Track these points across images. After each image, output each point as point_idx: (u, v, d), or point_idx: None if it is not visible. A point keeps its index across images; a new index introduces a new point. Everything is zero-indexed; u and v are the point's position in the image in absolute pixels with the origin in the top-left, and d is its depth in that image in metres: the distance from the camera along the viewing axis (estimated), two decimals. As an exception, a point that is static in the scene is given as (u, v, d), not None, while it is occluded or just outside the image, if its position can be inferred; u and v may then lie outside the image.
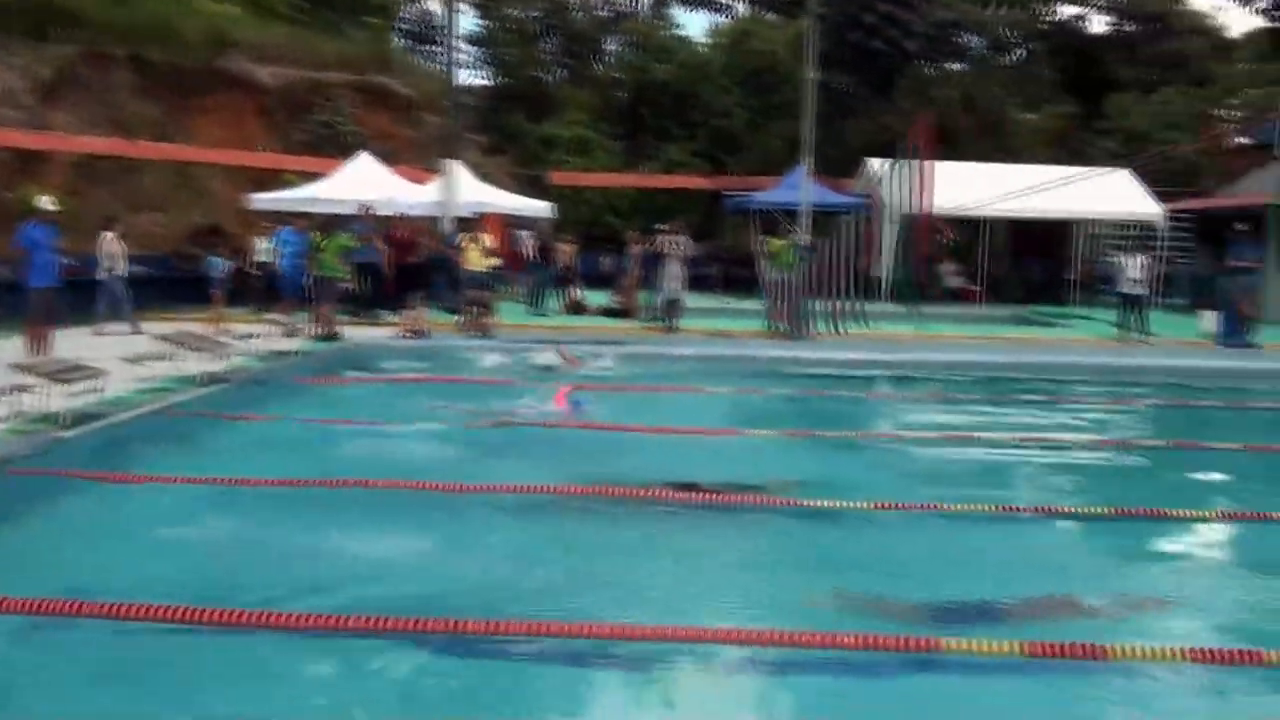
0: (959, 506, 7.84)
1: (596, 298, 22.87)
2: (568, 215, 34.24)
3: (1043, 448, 10.37)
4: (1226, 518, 8.14)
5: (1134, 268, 20.31)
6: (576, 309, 22.08)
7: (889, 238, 25.01)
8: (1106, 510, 7.93)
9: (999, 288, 27.93)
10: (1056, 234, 28.51)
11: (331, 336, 16.25)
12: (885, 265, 25.48)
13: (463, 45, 45.04)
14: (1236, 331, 19.22)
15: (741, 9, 46.04)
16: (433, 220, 21.30)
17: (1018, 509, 8.07)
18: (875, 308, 24.05)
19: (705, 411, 11.89)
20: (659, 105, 40.74)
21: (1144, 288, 20.54)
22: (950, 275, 27.90)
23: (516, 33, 44.18)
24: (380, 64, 33.72)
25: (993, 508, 7.93)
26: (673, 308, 19.29)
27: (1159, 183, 31.13)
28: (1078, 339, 20.03)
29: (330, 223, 17.88)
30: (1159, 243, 26.45)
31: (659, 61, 41.94)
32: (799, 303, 18.68)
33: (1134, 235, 27.80)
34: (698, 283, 24.59)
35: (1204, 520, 8.00)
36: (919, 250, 21.98)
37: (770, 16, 43.91)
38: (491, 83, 44.56)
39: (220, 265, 18.71)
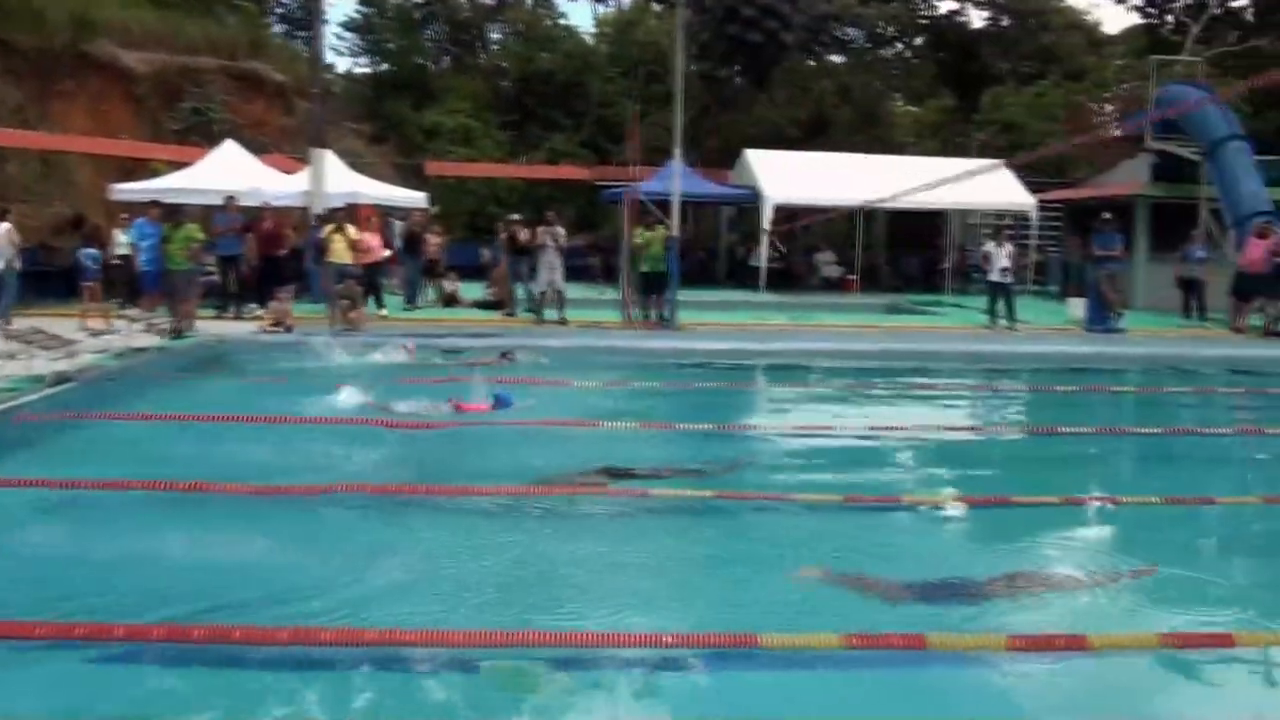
0: (806, 496, 7.81)
1: (476, 290, 22.56)
2: (451, 206, 33.92)
3: (895, 435, 10.38)
4: (1074, 502, 8.15)
5: (1002, 256, 20.67)
6: (450, 302, 21.77)
7: (767, 227, 25.26)
8: (952, 497, 7.96)
9: (877, 277, 28.24)
10: (934, 224, 28.91)
11: (180, 333, 15.73)
12: (763, 255, 25.72)
13: (343, 32, 44.56)
14: (1103, 318, 19.67)
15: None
16: (303, 211, 20.80)
17: (864, 498, 7.98)
18: (754, 297, 24.39)
19: (569, 403, 11.72)
20: (545, 95, 40.55)
21: (1011, 276, 20.92)
22: (828, 265, 28.14)
23: (399, 19, 43.59)
24: (254, 49, 32.90)
25: (839, 497, 7.85)
26: (557, 299, 19.15)
27: (1034, 174, 31.82)
28: (945, 327, 20.27)
29: (175, 213, 17.24)
30: (1030, 232, 27.03)
31: (544, 51, 41.78)
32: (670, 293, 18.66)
33: (1008, 225, 28.37)
34: (578, 273, 24.47)
35: (1042, 506, 8.00)
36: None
37: (655, 6, 43.94)
38: (373, 70, 43.89)
39: (94, 258, 18.06)
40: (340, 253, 17.09)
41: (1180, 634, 5.31)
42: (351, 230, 17.53)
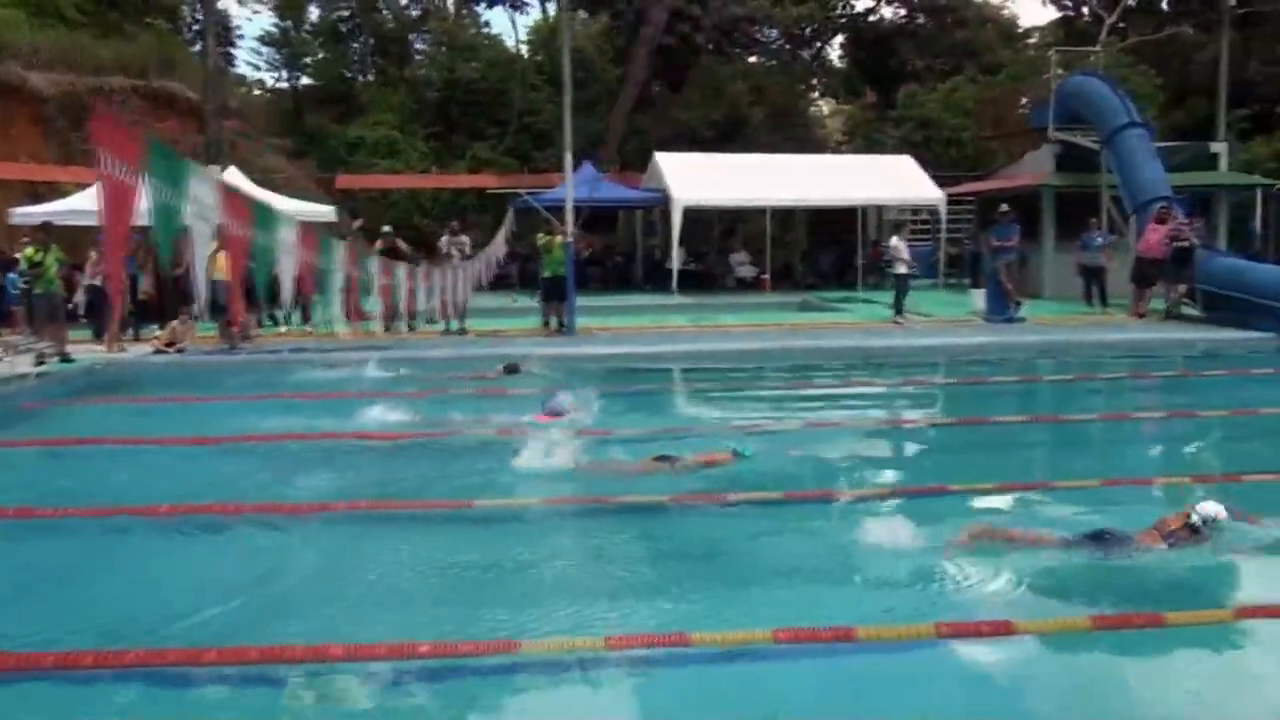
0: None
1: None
2: (376, 219, 33.74)
3: (780, 432, 10.39)
4: (904, 494, 8.19)
5: (903, 250, 20.94)
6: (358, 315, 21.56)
7: (677, 230, 25.33)
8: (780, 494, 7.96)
9: (792, 275, 28.40)
10: (851, 220, 29.09)
11: (63, 356, 15.54)
12: (674, 258, 25.79)
13: (260, 47, 44.22)
14: (1002, 308, 19.87)
15: (551, 8, 46.13)
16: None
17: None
18: (665, 299, 24.45)
19: (437, 410, 11.65)
20: (469, 104, 40.49)
21: (907, 268, 21.12)
22: (743, 266, 28.26)
23: (320, 33, 43.40)
24: (166, 68, 32.59)
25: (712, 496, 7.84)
26: (458, 309, 19.06)
27: (949, 167, 32.20)
28: (847, 323, 20.34)
29: (45, 234, 16.95)
30: (939, 225, 27.28)
31: (468, 60, 41.72)
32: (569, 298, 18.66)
33: (920, 219, 28.68)
34: (497, 282, 24.42)
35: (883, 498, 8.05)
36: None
37: (581, 14, 43.98)
38: (291, 85, 43.64)
39: (17, 282, 17.80)
40: (223, 268, 16.90)
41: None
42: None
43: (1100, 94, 23.99)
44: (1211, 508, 6.34)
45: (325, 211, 25.09)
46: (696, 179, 25.88)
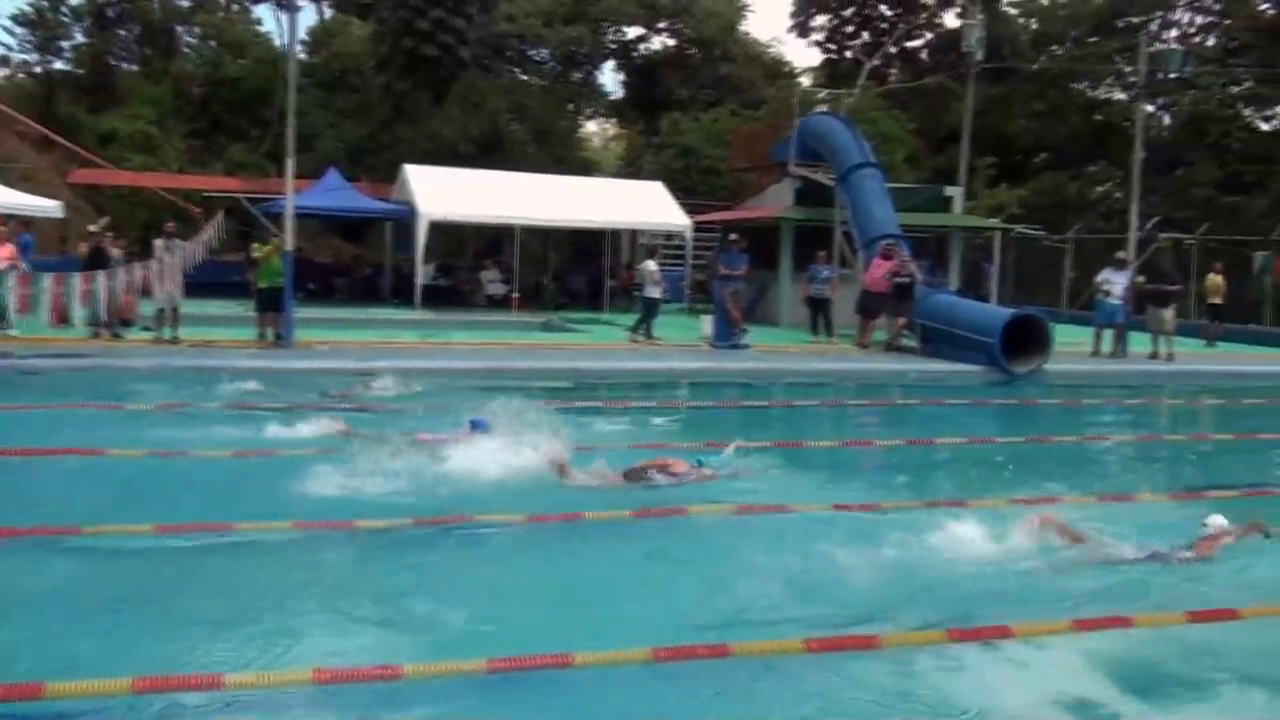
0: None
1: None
2: (125, 217, 32.22)
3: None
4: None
5: (656, 274, 21.36)
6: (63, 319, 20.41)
7: (422, 244, 25.05)
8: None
9: (543, 295, 28.47)
10: (606, 242, 29.37)
11: None
12: (420, 270, 25.51)
13: (14, 27, 41.81)
14: (728, 334, 20.29)
15: (326, 10, 45.22)
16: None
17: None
18: (398, 314, 24.13)
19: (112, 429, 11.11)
20: (233, 103, 39.25)
21: (660, 292, 21.53)
22: (493, 283, 28.15)
23: (82, 17, 41.34)
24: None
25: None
26: (172, 316, 18.24)
27: (708, 195, 32.90)
28: (580, 344, 20.39)
29: None
30: (684, 251, 27.84)
31: (236, 57, 40.45)
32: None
33: (674, 245, 29.15)
34: (237, 290, 23.47)
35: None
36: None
37: (355, 20, 43.28)
38: (43, 70, 41.39)
39: None
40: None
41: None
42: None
43: (837, 134, 24.87)
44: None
45: (50, 207, 23.86)
46: (445, 194, 25.64)
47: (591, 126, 50.45)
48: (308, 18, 44.11)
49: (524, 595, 6.51)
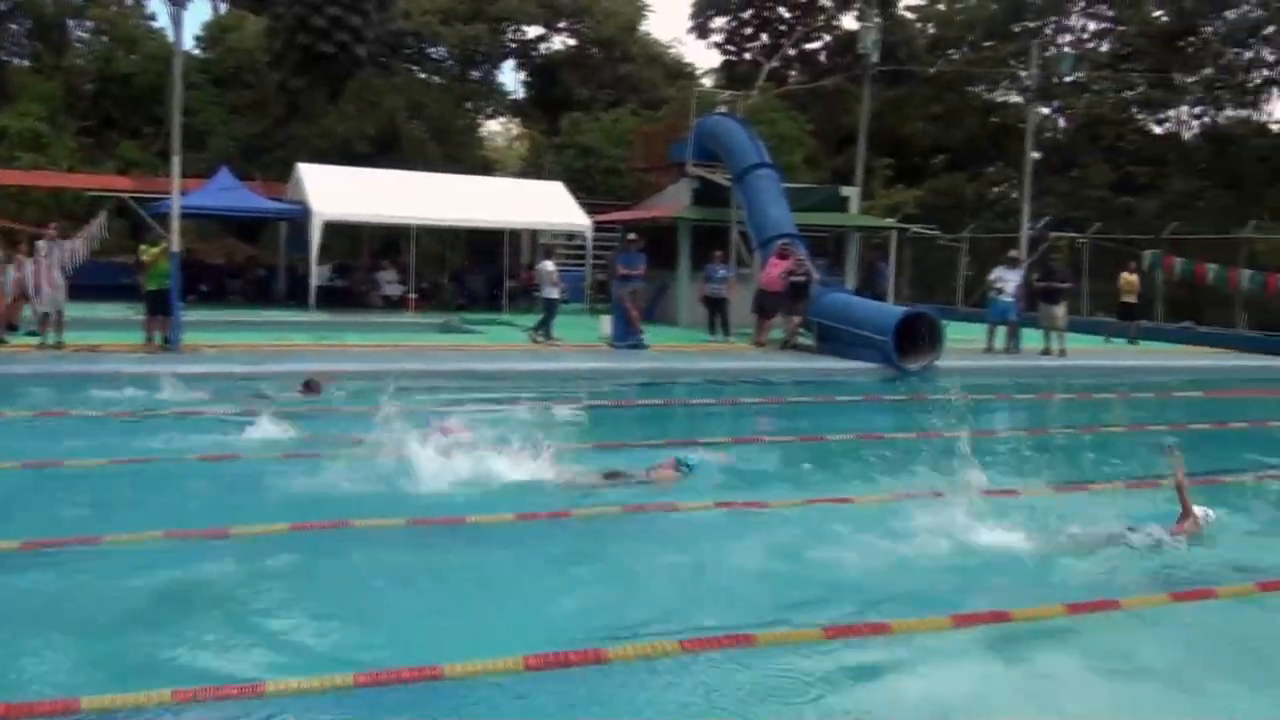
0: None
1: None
2: (15, 217, 31.18)
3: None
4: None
5: (554, 274, 21.30)
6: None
7: (316, 244, 24.65)
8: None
9: (441, 296, 28.20)
10: (505, 243, 29.17)
11: None
12: (315, 271, 25.13)
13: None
14: (626, 334, 20.26)
15: (223, 6, 44.35)
16: None
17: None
18: (291, 316, 23.72)
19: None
20: (124, 99, 38.28)
21: (559, 293, 21.46)
22: (390, 284, 27.79)
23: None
24: None
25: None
26: (56, 320, 17.68)
27: (609, 195, 32.88)
28: (477, 345, 20.22)
29: None
30: (584, 251, 27.81)
31: (128, 53, 39.46)
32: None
33: (575, 245, 29.07)
34: (127, 292, 22.81)
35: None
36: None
37: (250, 16, 42.48)
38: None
39: None
40: None
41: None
42: None
43: (733, 135, 24.97)
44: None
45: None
46: (340, 193, 25.26)
47: (495, 126, 50.24)
48: (202, 12, 43.29)
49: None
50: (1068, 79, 38.44)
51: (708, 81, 45.12)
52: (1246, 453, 12.59)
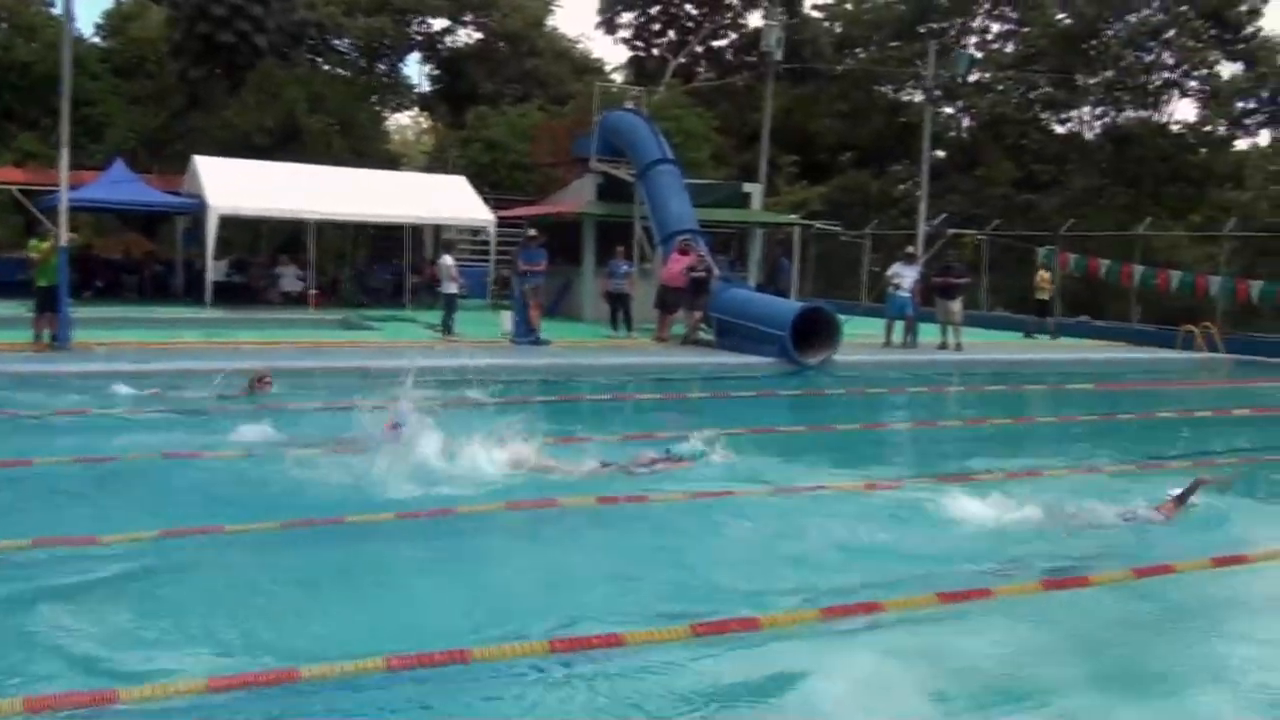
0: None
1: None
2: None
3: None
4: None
5: (454, 269, 21.18)
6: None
7: (212, 239, 24.26)
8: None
9: (342, 291, 27.87)
10: (408, 238, 28.89)
11: None
12: (211, 266, 24.72)
13: None
14: (527, 330, 20.18)
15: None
16: None
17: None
18: (194, 312, 23.30)
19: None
20: (23, 89, 37.27)
21: (458, 288, 21.34)
22: (290, 279, 27.38)
23: None
24: None
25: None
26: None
27: (516, 190, 32.78)
28: (374, 342, 19.94)
29: None
30: (490, 246, 27.69)
31: (28, 40, 38.38)
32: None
33: (480, 240, 28.92)
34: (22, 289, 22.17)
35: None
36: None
37: (153, 6, 41.58)
38: None
39: None
40: None
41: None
42: None
43: (637, 130, 24.99)
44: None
45: None
46: (237, 186, 24.85)
47: (404, 119, 49.80)
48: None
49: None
50: (971, 79, 39.18)
51: (617, 77, 45.17)
52: (1137, 443, 12.94)
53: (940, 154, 41.23)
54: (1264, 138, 41.53)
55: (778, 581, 6.77)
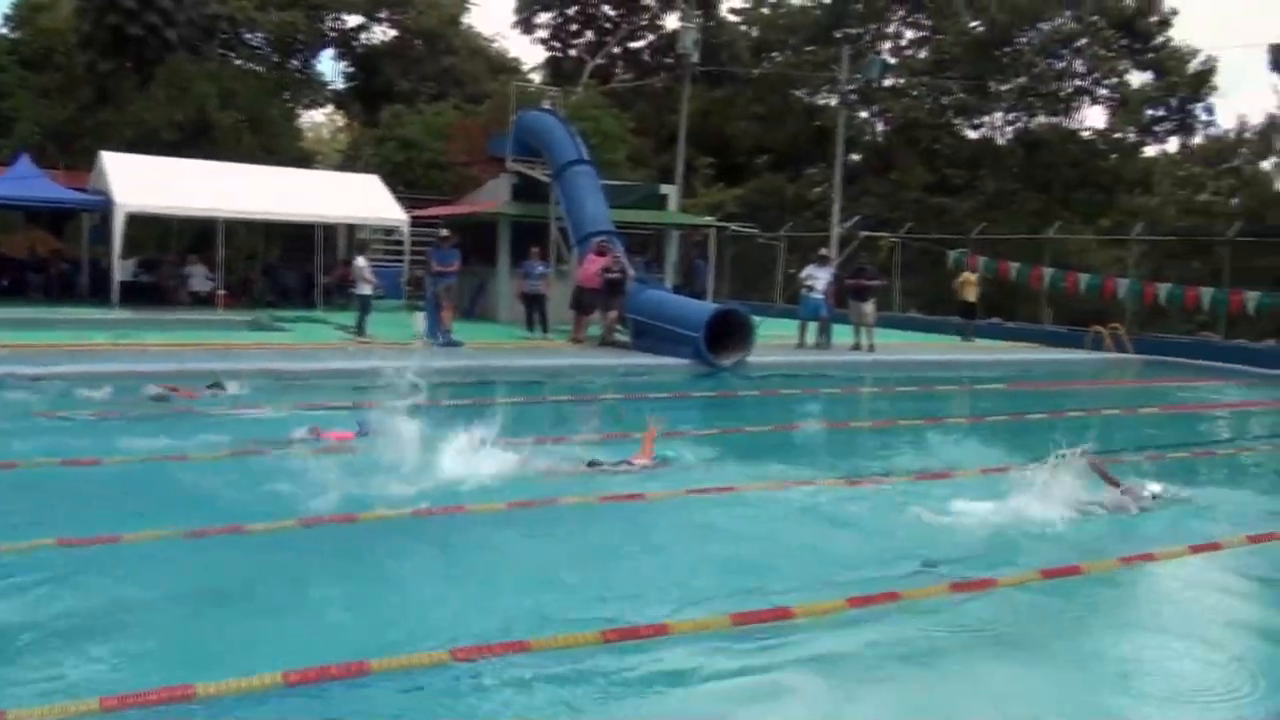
0: None
1: None
2: None
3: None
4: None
5: (367, 270, 20.91)
6: None
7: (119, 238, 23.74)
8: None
9: (252, 291, 27.42)
10: (320, 237, 28.47)
11: None
12: (118, 266, 24.20)
13: None
14: (439, 331, 20.02)
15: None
16: None
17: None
18: (99, 313, 22.77)
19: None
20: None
21: (372, 289, 21.13)
22: (199, 279, 26.87)
23: None
24: None
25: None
26: None
27: (431, 190, 32.52)
28: (282, 344, 19.56)
29: None
30: (402, 247, 27.46)
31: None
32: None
33: (394, 240, 28.63)
34: None
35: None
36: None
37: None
38: None
39: None
40: None
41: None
42: None
43: (552, 131, 24.89)
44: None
45: None
46: (145, 184, 24.32)
47: (319, 117, 49.16)
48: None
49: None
50: (886, 84, 39.65)
51: (534, 77, 45.01)
52: (1045, 439, 13.12)
53: (855, 157, 41.69)
54: (1172, 145, 42.70)
55: (692, 585, 6.74)
